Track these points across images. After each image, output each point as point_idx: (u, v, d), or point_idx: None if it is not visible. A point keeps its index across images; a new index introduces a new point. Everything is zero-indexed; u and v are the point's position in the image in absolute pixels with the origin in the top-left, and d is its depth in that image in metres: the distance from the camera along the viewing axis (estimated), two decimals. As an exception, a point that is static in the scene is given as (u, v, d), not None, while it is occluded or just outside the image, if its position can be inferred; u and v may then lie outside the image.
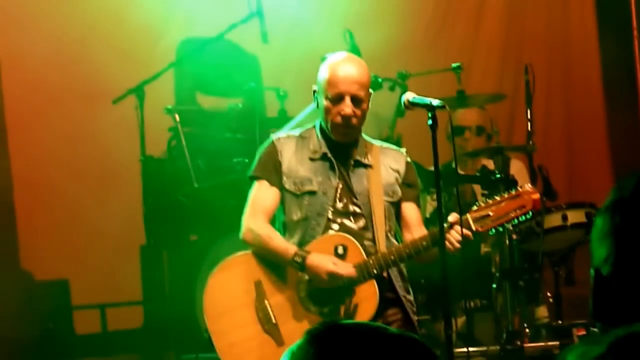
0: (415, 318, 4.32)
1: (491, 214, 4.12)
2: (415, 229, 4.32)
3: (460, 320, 5.55)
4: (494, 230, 4.19)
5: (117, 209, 6.44)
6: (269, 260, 4.25)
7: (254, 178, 4.37)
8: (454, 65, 5.86)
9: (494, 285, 5.46)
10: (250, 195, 4.35)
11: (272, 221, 4.36)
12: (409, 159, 4.41)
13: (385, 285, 4.23)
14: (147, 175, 6.00)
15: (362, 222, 4.26)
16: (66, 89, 6.59)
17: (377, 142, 4.44)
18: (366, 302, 4.15)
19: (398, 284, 4.28)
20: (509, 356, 5.19)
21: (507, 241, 5.40)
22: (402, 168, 4.36)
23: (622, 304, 1.61)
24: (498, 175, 5.51)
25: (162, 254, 6.34)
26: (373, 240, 4.23)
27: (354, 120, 4.22)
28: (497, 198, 4.16)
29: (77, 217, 6.64)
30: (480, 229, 4.11)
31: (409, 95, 4.10)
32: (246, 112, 6.13)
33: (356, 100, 4.21)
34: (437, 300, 5.39)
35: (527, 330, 5.39)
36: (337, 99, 4.20)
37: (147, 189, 6.03)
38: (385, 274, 4.23)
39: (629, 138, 7.57)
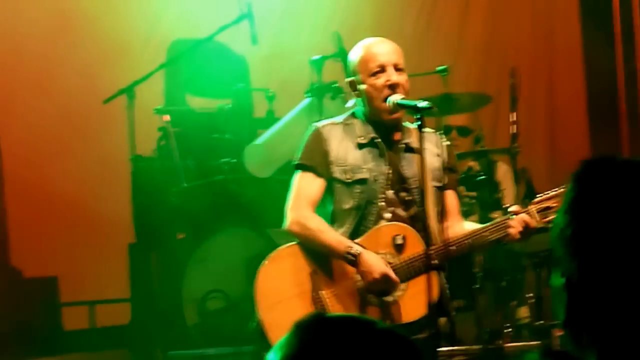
0: (451, 306, 4.25)
1: (553, 205, 4.03)
2: (454, 218, 4.20)
3: (442, 320, 5.59)
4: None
5: (106, 207, 6.47)
6: (319, 251, 4.08)
7: (300, 167, 4.16)
8: (440, 67, 5.76)
9: (476, 286, 5.50)
10: (294, 185, 4.15)
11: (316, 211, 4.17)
12: (448, 143, 4.30)
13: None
14: (136, 175, 6.04)
15: (413, 210, 4.11)
16: (57, 88, 6.60)
17: (415, 127, 4.23)
18: (427, 291, 3.97)
19: (442, 275, 4.15)
20: (490, 355, 5.24)
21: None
22: (444, 152, 4.22)
23: (593, 324, 1.59)
24: (482, 177, 5.57)
25: (150, 252, 6.37)
26: (424, 228, 4.04)
27: (401, 90, 4.08)
28: (558, 189, 4.05)
29: (66, 215, 6.66)
30: (544, 221, 4.02)
31: (396, 97, 4.04)
32: (235, 112, 6.19)
33: (399, 69, 4.11)
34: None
35: (509, 330, 5.45)
36: (380, 71, 4.08)
37: (136, 188, 6.08)
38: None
39: (611, 141, 7.63)
